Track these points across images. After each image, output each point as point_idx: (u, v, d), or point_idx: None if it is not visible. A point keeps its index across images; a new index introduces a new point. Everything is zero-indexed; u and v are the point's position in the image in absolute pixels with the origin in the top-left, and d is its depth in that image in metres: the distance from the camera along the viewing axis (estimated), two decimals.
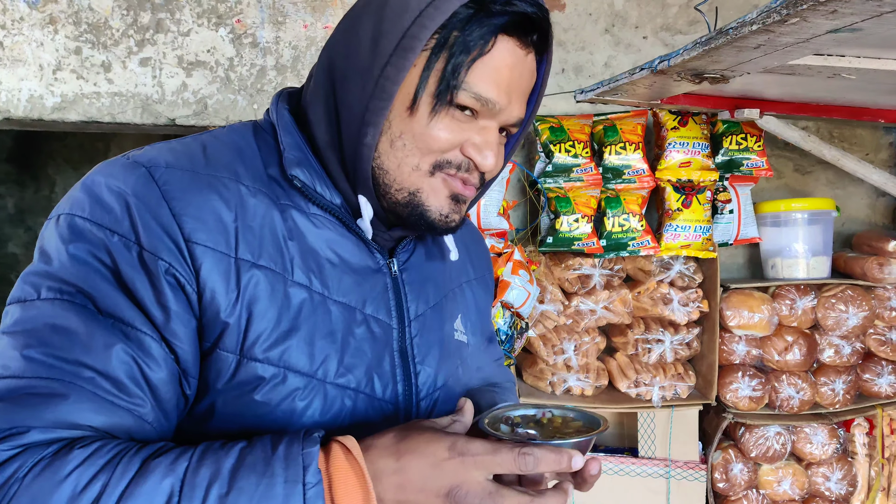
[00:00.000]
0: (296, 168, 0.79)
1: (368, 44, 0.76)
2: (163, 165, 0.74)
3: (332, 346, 0.79)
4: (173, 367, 0.72)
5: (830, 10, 0.90)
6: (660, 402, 2.23)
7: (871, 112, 2.06)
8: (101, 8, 2.28)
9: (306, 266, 0.79)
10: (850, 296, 2.26)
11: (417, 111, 0.75)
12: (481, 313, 1.07)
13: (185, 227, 0.71)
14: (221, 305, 0.73)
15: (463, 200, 0.82)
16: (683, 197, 2.22)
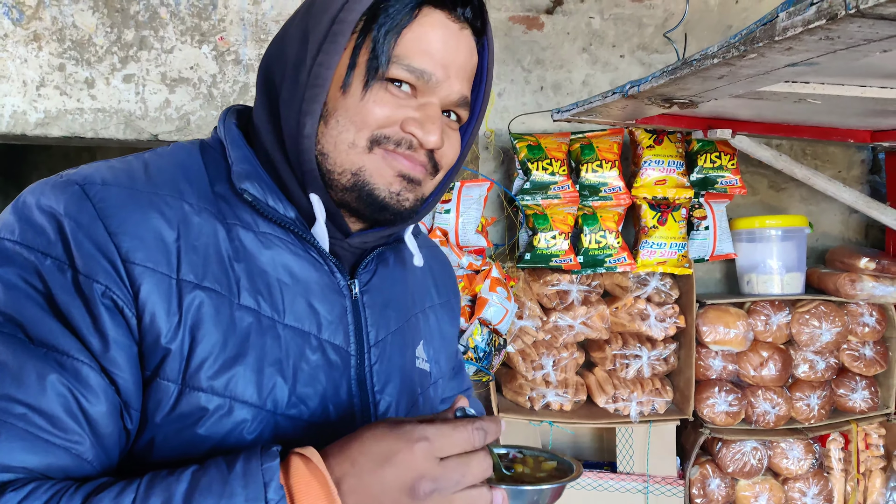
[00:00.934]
0: (245, 181, 0.76)
1: (300, 40, 0.76)
2: (98, 183, 0.69)
3: (283, 374, 0.74)
4: (114, 399, 0.66)
5: (786, 48, 0.94)
6: (638, 417, 2.26)
7: (840, 132, 2.11)
8: (86, 25, 2.29)
9: (254, 288, 0.74)
10: (824, 312, 2.30)
11: (350, 88, 0.74)
12: (446, 340, 1.02)
13: (122, 246, 0.67)
14: (162, 330, 0.68)
15: (415, 181, 0.78)
16: (659, 214, 2.26)
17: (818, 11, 0.81)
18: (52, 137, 2.33)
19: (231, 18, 2.37)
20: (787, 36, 0.88)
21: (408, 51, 0.74)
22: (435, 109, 0.76)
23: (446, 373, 1.02)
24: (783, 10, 0.88)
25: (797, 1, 0.85)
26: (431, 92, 0.76)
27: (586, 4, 2.51)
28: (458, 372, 1.12)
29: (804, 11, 0.83)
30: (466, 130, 0.86)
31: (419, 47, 0.74)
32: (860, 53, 0.96)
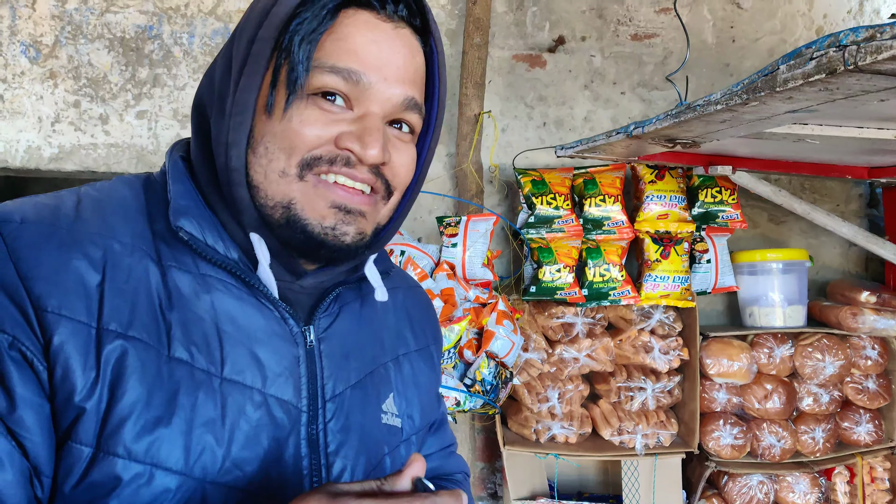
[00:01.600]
0: (182, 218, 0.68)
1: (224, 68, 0.71)
2: (16, 220, 0.62)
3: (216, 435, 0.65)
4: (21, 465, 0.58)
5: (787, 97, 0.98)
6: (643, 449, 2.27)
7: (838, 169, 2.15)
8: (101, 64, 2.35)
9: (188, 338, 0.66)
10: (826, 345, 2.32)
11: (274, 109, 0.67)
12: (422, 391, 0.90)
13: (33, 290, 0.59)
14: (77, 385, 0.60)
15: (354, 211, 0.69)
16: (662, 248, 2.29)
17: (818, 66, 0.85)
18: (65, 172, 2.38)
19: None
20: (787, 87, 0.92)
21: (329, 54, 0.66)
22: (374, 120, 0.68)
23: (422, 427, 0.90)
24: (784, 63, 0.92)
25: (797, 55, 0.90)
26: (367, 99, 0.68)
27: (587, 43, 2.58)
28: (439, 426, 1.01)
29: (804, 65, 0.88)
30: (424, 143, 0.77)
31: (343, 48, 0.67)
32: (858, 102, 1.00)
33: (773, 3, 2.63)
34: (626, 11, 2.58)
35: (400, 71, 0.69)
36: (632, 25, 2.59)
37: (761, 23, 2.63)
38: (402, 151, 0.72)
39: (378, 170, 0.70)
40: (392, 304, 0.89)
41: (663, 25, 2.59)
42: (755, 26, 2.63)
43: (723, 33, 2.62)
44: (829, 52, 0.83)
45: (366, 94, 0.68)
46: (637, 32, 2.59)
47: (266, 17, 0.68)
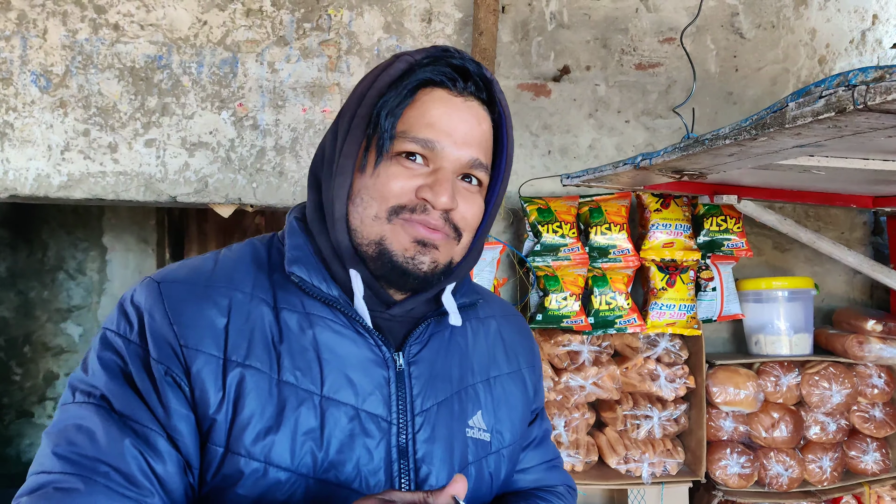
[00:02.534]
0: (294, 265, 0.87)
1: (332, 139, 0.90)
2: (170, 281, 0.85)
3: (316, 441, 0.82)
4: (178, 460, 0.79)
5: (795, 133, 0.99)
6: (649, 478, 2.26)
7: (842, 198, 2.16)
8: (111, 93, 2.38)
9: (294, 365, 0.83)
10: (833, 373, 2.32)
11: (366, 168, 0.85)
12: (514, 410, 1.02)
13: (179, 333, 0.81)
14: (210, 402, 0.80)
15: (430, 244, 0.85)
16: (668, 276, 2.30)
17: (827, 104, 0.86)
18: (73, 199, 2.39)
19: (250, 86, 2.45)
20: (796, 124, 0.93)
21: (410, 126, 0.84)
22: (445, 174, 0.84)
23: (512, 443, 1.01)
24: (792, 101, 0.93)
25: (806, 93, 0.91)
26: (440, 159, 0.84)
27: (592, 72, 2.61)
28: (540, 442, 1.11)
29: (813, 103, 0.89)
30: (492, 194, 0.94)
31: (421, 121, 0.84)
32: (865, 138, 1.01)
33: (776, 32, 2.67)
34: (631, 41, 2.62)
35: (467, 136, 0.86)
36: (636, 55, 2.62)
37: (764, 52, 2.66)
38: (470, 200, 0.88)
39: (448, 215, 0.86)
40: (485, 331, 1.03)
41: (667, 55, 2.62)
42: (758, 56, 2.66)
43: (726, 62, 2.65)
44: (839, 92, 0.84)
45: (439, 156, 0.85)
46: (641, 62, 2.62)
47: (362, 99, 0.87)
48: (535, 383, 1.09)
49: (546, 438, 1.13)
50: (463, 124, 0.86)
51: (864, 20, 2.56)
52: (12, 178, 2.32)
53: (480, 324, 1.03)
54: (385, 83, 0.86)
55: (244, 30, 2.45)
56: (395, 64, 0.87)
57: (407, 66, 0.86)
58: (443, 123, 0.84)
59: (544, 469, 1.10)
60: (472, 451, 0.94)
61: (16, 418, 4.93)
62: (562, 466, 1.15)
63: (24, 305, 5.11)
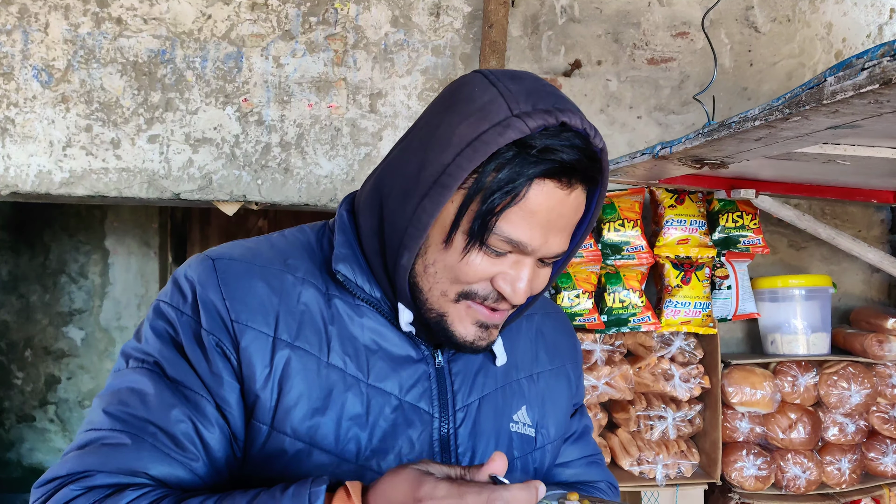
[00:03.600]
0: (340, 263, 0.86)
1: (413, 170, 0.80)
2: (226, 258, 0.86)
3: (361, 428, 0.83)
4: (224, 428, 0.81)
5: (832, 111, 0.94)
6: (663, 480, 2.20)
7: (863, 192, 2.11)
8: (113, 88, 2.34)
9: (343, 350, 0.84)
10: (852, 373, 2.26)
11: (451, 246, 0.79)
12: (556, 406, 1.02)
13: (231, 308, 0.82)
14: (256, 378, 0.81)
15: (493, 326, 0.84)
16: (682, 273, 2.25)
17: (870, 76, 0.82)
18: (75, 196, 2.35)
19: (255, 81, 2.41)
20: (835, 100, 0.89)
21: (509, 225, 0.76)
22: (528, 269, 0.80)
23: (556, 438, 1.02)
24: (831, 75, 0.89)
25: (847, 65, 0.86)
26: (528, 254, 0.80)
27: (603, 67, 2.56)
28: (580, 436, 1.10)
29: (855, 76, 0.84)
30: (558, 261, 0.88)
31: (521, 222, 0.76)
32: None
33: (791, 26, 2.62)
34: (643, 35, 2.57)
35: (561, 231, 0.80)
36: (648, 49, 2.57)
37: (779, 46, 2.61)
38: (539, 276, 0.84)
39: None
40: (526, 329, 1.02)
41: (680, 49, 2.58)
42: (773, 50, 2.61)
43: (740, 57, 2.60)
44: (884, 62, 0.80)
45: (527, 252, 0.79)
46: (653, 56, 2.57)
47: (461, 152, 0.76)
48: (577, 379, 1.09)
49: (586, 434, 1.12)
50: (562, 221, 0.79)
51: (881, 14, 2.52)
52: (13, 174, 2.28)
53: (523, 320, 1.02)
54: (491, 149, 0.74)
55: (249, 24, 2.41)
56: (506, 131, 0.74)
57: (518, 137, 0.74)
58: (543, 225, 0.77)
59: (584, 464, 1.09)
60: (517, 445, 0.94)
61: (17, 422, 4.88)
62: (603, 463, 1.13)
63: (26, 309, 5.07)
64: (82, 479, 0.74)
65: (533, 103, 0.76)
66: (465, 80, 0.84)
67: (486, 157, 0.75)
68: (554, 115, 0.76)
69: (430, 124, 0.82)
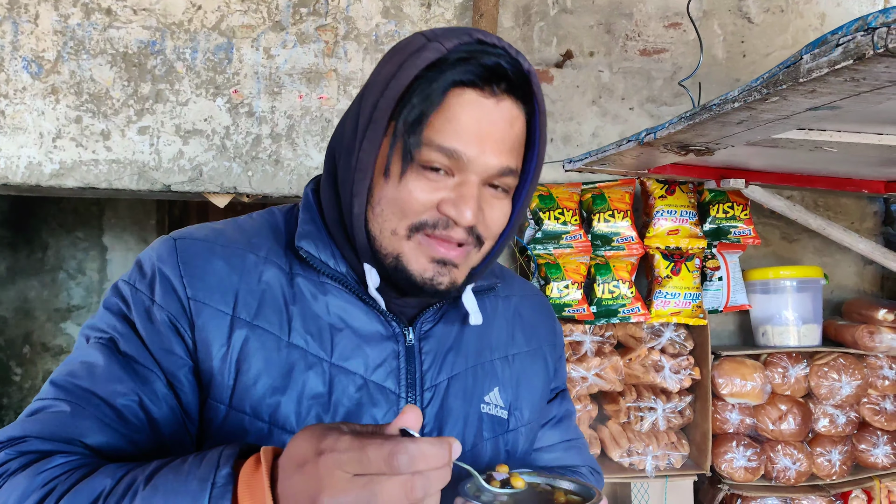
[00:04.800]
0: (303, 240, 0.85)
1: (351, 125, 0.83)
2: (189, 238, 0.86)
3: (322, 407, 0.82)
4: (174, 405, 0.80)
5: (809, 90, 0.94)
6: (653, 471, 2.20)
7: (854, 183, 2.11)
8: (103, 79, 2.33)
9: (305, 329, 0.83)
10: (843, 364, 2.26)
11: (390, 177, 0.79)
12: (531, 389, 1.00)
13: (189, 285, 0.81)
14: (213, 356, 0.80)
15: (450, 263, 0.81)
16: (672, 264, 2.24)
17: (845, 52, 0.81)
18: (65, 188, 2.34)
19: (245, 72, 2.41)
20: (811, 78, 0.88)
21: (436, 133, 0.77)
22: (470, 188, 0.78)
23: (531, 420, 1.00)
24: (807, 52, 0.88)
25: (822, 42, 0.86)
26: (466, 169, 0.78)
27: (595, 58, 2.55)
28: (560, 420, 1.08)
29: (830, 52, 0.83)
30: (520, 195, 0.86)
31: (449, 128, 0.77)
32: (884, 96, 0.95)
33: (785, 17, 2.61)
34: (635, 26, 2.56)
35: (497, 143, 0.79)
36: (640, 40, 2.56)
37: (772, 38, 2.60)
38: (496, 208, 0.82)
39: (472, 228, 0.81)
40: (504, 308, 1.01)
41: (672, 40, 2.57)
42: (766, 41, 2.60)
43: (733, 48, 2.59)
44: (857, 37, 0.79)
45: (465, 166, 0.78)
46: (646, 47, 2.57)
47: (387, 86, 0.79)
48: (556, 362, 1.06)
49: (568, 418, 1.10)
50: (494, 129, 0.78)
51: (875, 5, 2.51)
52: (3, 166, 2.28)
53: (499, 301, 1.01)
54: (412, 74, 0.78)
55: (239, 14, 2.40)
56: (423, 52, 0.78)
57: (436, 58, 0.77)
58: (472, 131, 0.77)
59: (563, 448, 1.07)
60: (487, 426, 0.92)
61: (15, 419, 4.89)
62: (585, 448, 1.11)
63: (24, 305, 5.07)
64: (18, 444, 0.74)
65: (451, 33, 0.79)
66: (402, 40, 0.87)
67: (406, 83, 0.77)
68: (468, 34, 0.79)
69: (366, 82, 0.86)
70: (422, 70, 0.77)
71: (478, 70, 0.77)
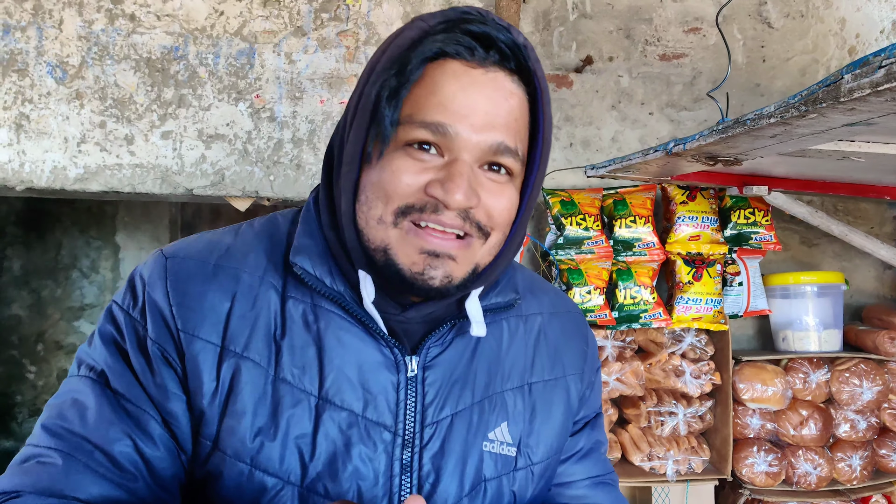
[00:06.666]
0: (298, 255, 0.77)
1: (342, 122, 0.78)
2: (180, 256, 0.78)
3: (309, 447, 0.74)
4: (170, 445, 0.74)
5: (849, 108, 0.94)
6: (674, 476, 2.21)
7: (876, 189, 2.10)
8: (127, 84, 2.35)
9: (294, 362, 0.75)
10: (864, 370, 2.26)
11: (373, 160, 0.72)
12: (549, 423, 0.88)
13: (178, 315, 0.75)
14: (203, 391, 0.74)
15: (444, 254, 0.72)
16: (694, 270, 2.24)
17: (888, 74, 0.82)
18: (89, 192, 2.36)
19: (267, 77, 2.42)
20: (852, 97, 0.89)
21: (418, 107, 0.69)
22: (461, 166, 0.70)
23: (546, 458, 0.88)
24: (848, 73, 0.89)
25: (864, 63, 0.86)
26: (456, 147, 0.70)
27: (615, 63, 2.56)
28: (586, 454, 0.95)
29: (872, 74, 0.84)
30: (528, 182, 0.78)
31: (432, 101, 0.69)
32: None
33: (805, 22, 2.61)
34: (655, 31, 2.57)
35: (489, 116, 0.70)
36: (660, 45, 2.57)
37: (792, 42, 2.60)
38: (496, 193, 0.73)
39: (468, 213, 0.72)
40: (526, 330, 0.89)
41: (692, 45, 2.57)
42: (786, 46, 2.60)
43: (753, 53, 2.59)
44: None
45: (454, 143, 0.70)
46: (665, 52, 2.57)
47: (371, 73, 0.74)
48: (583, 392, 0.93)
49: (596, 451, 0.97)
50: (483, 101, 0.69)
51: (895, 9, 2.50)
52: (28, 170, 2.30)
53: (521, 322, 0.88)
54: (394, 55, 0.71)
55: (261, 20, 2.42)
56: (405, 31, 0.72)
57: (418, 34, 0.71)
58: (457, 102, 0.69)
59: (589, 485, 0.94)
60: (490, 466, 0.82)
61: (29, 416, 4.92)
62: (614, 485, 0.97)
63: (38, 304, 5.10)
64: (11, 499, 0.69)
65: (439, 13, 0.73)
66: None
67: (393, 58, 0.71)
68: (454, 10, 0.72)
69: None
70: (404, 50, 0.71)
71: (462, 39, 0.69)
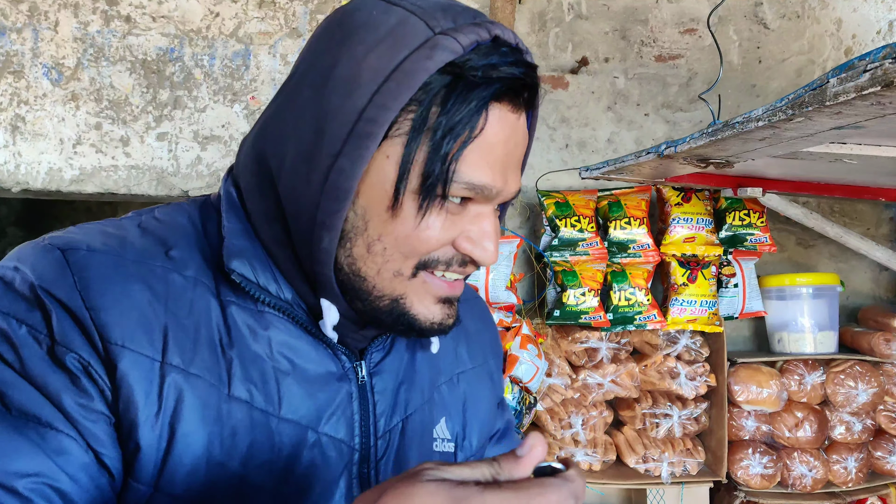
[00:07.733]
0: (234, 260, 0.65)
1: (309, 127, 0.62)
2: (83, 249, 0.62)
3: (270, 477, 0.65)
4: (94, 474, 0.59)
5: (835, 112, 0.94)
6: (669, 478, 2.21)
7: (871, 191, 2.10)
8: (123, 86, 2.35)
9: (246, 376, 0.64)
10: (859, 372, 2.26)
11: (401, 211, 0.61)
12: (480, 410, 0.86)
13: (98, 321, 0.59)
14: (138, 419, 0.59)
15: (455, 300, 0.69)
16: (689, 272, 2.24)
17: (872, 78, 0.82)
18: (85, 193, 2.37)
19: (262, 78, 2.42)
20: (837, 101, 0.89)
21: (469, 166, 0.61)
22: (491, 222, 0.65)
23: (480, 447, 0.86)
24: (834, 76, 0.89)
25: (849, 67, 0.86)
26: (488, 200, 0.65)
27: (611, 65, 2.56)
28: (503, 435, 0.95)
29: (857, 78, 0.84)
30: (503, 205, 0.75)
31: (482, 159, 0.62)
32: None
33: (801, 23, 2.61)
34: (650, 33, 2.56)
35: (517, 166, 0.67)
36: (656, 46, 2.57)
37: (788, 43, 2.60)
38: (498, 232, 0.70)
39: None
40: None
41: (688, 46, 2.57)
42: (782, 47, 2.60)
43: (749, 54, 2.59)
44: (885, 64, 0.80)
45: (487, 198, 0.64)
46: (661, 53, 2.57)
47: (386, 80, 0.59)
48: (498, 371, 0.93)
49: (510, 431, 0.96)
50: (517, 152, 0.65)
51: (891, 10, 2.50)
52: (24, 171, 2.30)
53: None
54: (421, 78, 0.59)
55: (257, 21, 2.42)
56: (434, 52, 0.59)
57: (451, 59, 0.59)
58: (503, 161, 0.63)
59: None
60: None
61: None
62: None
63: None
64: None
65: (453, 18, 0.61)
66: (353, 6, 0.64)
67: (415, 90, 0.59)
68: (485, 29, 0.61)
69: (319, 66, 0.63)
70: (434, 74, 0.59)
71: (509, 87, 0.61)
